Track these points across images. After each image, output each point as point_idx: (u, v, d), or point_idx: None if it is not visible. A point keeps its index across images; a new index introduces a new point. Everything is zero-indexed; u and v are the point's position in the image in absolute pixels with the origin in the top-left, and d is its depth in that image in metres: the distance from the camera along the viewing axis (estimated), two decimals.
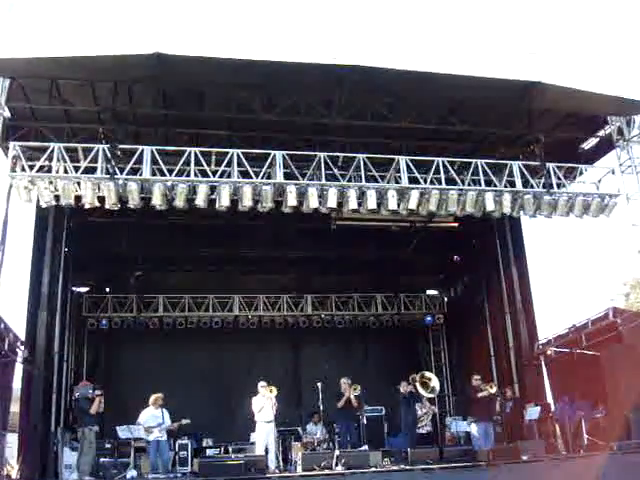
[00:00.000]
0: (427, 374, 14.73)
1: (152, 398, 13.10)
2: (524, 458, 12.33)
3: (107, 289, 20.16)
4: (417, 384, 14.16)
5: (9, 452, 13.21)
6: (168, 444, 13.31)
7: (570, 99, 13.29)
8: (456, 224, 18.81)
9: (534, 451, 12.64)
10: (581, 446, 13.76)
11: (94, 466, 12.55)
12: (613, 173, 14.24)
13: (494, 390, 14.18)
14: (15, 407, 13.90)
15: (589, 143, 15.54)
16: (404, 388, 15.03)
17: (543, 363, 16.82)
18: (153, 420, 12.89)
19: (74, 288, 18.41)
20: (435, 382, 14.42)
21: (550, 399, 16.24)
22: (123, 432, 12.99)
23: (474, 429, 13.88)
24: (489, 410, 13.86)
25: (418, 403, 15.04)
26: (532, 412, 14.70)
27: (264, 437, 12.86)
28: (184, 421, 13.63)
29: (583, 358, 14.91)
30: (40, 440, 13.73)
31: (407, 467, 12.02)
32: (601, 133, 15.03)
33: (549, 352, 16.39)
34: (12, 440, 13.89)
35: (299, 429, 15.94)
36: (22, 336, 14.15)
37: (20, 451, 13.50)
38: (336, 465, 11.66)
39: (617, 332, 14.18)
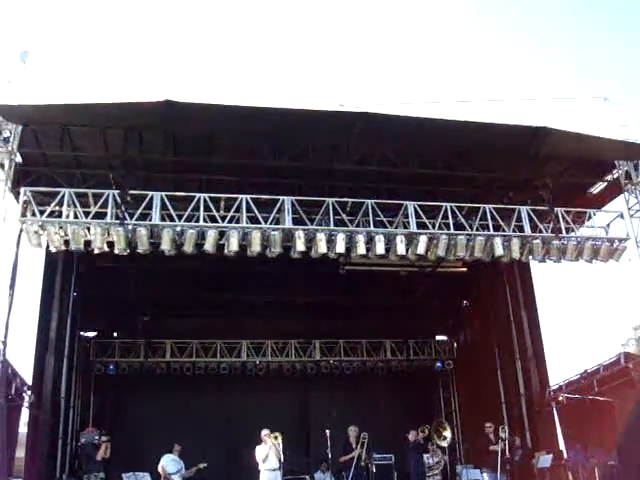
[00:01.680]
0: (443, 422, 14.58)
1: (176, 447, 13.29)
2: None
3: (115, 334, 20.13)
4: (432, 431, 14.00)
5: None
6: None
7: (576, 144, 13.32)
8: (465, 269, 18.80)
9: None
10: None
11: None
12: (622, 217, 14.20)
13: (504, 444, 13.93)
14: (21, 452, 13.77)
15: (597, 187, 15.53)
16: (413, 437, 14.88)
17: (555, 409, 16.58)
18: (174, 466, 12.91)
19: (82, 332, 18.38)
20: (448, 432, 14.27)
21: (562, 446, 15.99)
22: (129, 479, 12.87)
23: (486, 478, 13.64)
24: (501, 460, 13.63)
25: (428, 453, 14.84)
26: (544, 460, 14.46)
27: None
28: (202, 465, 13.63)
29: (595, 404, 14.69)
30: None
31: None
32: (609, 177, 15.03)
33: (561, 398, 16.16)
34: None
35: (307, 477, 15.72)
36: (29, 380, 14.10)
37: None
38: None
39: (629, 377, 14.01)
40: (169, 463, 13.25)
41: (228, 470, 17.26)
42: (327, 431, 13.66)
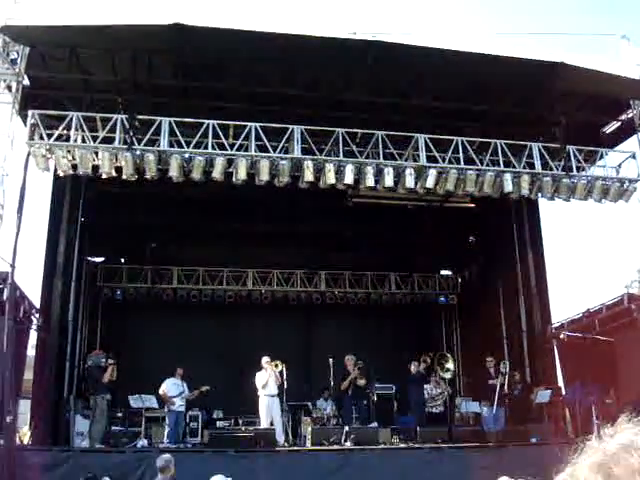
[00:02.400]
0: (446, 355, 14.78)
1: (178, 370, 13.49)
2: (533, 441, 12.37)
3: (122, 260, 20.25)
4: (435, 363, 14.21)
5: (22, 418, 13.39)
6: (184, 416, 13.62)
7: (592, 81, 13.10)
8: (473, 205, 18.72)
9: (543, 434, 12.67)
10: (591, 431, 13.75)
11: (105, 434, 12.72)
12: (634, 158, 14.04)
13: (505, 377, 14.13)
14: (29, 374, 14.05)
15: (611, 127, 15.32)
16: (415, 368, 15.09)
17: (555, 347, 16.75)
18: (175, 389, 13.17)
19: (89, 258, 18.49)
20: (451, 364, 14.47)
21: (561, 383, 16.23)
22: (135, 401, 13.18)
23: (485, 410, 13.90)
24: (500, 394, 13.86)
25: (430, 383, 15.09)
26: (543, 395, 14.68)
27: (267, 410, 12.97)
28: (204, 388, 13.90)
29: (596, 343, 14.83)
30: (52, 407, 13.88)
31: (416, 445, 12.10)
32: (623, 117, 14.82)
33: (562, 336, 16.29)
34: (25, 406, 14.08)
35: (309, 404, 16.03)
36: (37, 303, 14.27)
37: (33, 417, 13.69)
38: (345, 441, 11.75)
39: (631, 318, 14.09)
40: (170, 387, 13.51)
41: (231, 394, 17.58)
42: (330, 360, 13.90)
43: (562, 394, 15.43)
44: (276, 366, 13.14)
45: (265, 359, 13.27)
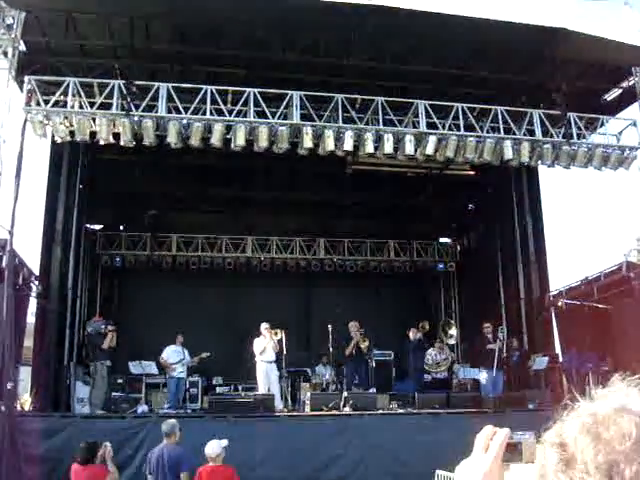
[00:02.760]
0: (450, 321, 14.88)
1: (178, 337, 13.56)
2: (530, 407, 12.47)
3: (121, 227, 20.22)
4: (440, 329, 14.32)
5: (22, 385, 13.48)
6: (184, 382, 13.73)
7: (594, 48, 12.97)
8: (472, 172, 18.66)
9: (540, 400, 12.78)
10: (587, 397, 13.88)
11: (106, 400, 12.82)
12: (635, 125, 13.97)
13: (499, 343, 14.22)
14: (29, 341, 14.11)
15: (612, 94, 15.20)
16: (413, 334, 15.18)
17: (553, 314, 16.83)
18: (175, 356, 13.25)
19: (88, 225, 18.45)
20: (454, 330, 14.56)
21: (558, 350, 16.33)
22: (135, 368, 13.27)
23: (483, 376, 13.99)
24: (498, 359, 13.94)
25: (434, 349, 15.19)
26: (540, 362, 14.80)
27: (264, 376, 13.06)
28: (204, 354, 13.98)
29: (593, 311, 14.90)
30: (53, 374, 13.97)
31: (414, 411, 12.20)
32: (624, 84, 14.68)
33: (560, 303, 16.37)
34: (25, 373, 14.17)
35: (308, 370, 16.15)
36: (36, 271, 14.28)
37: (33, 384, 13.78)
38: (344, 406, 11.84)
39: (629, 286, 14.13)
40: (171, 354, 13.60)
41: (230, 361, 17.70)
42: (329, 326, 13.97)
43: (559, 361, 15.54)
44: (275, 334, 13.19)
45: (264, 325, 13.32)
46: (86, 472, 7.05)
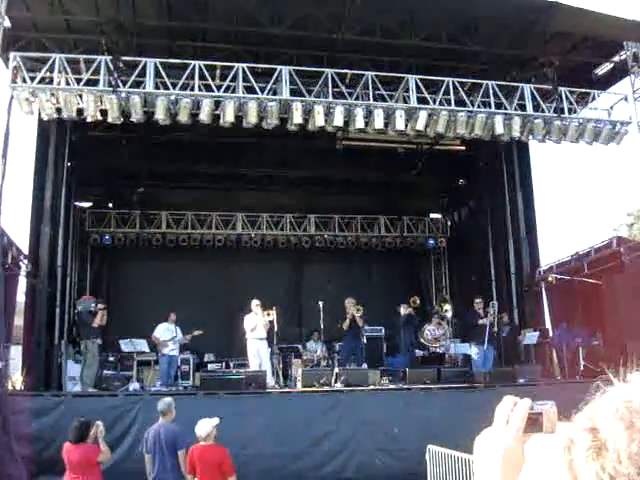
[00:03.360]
0: (445, 298, 14.95)
1: (171, 315, 13.54)
2: (520, 381, 12.56)
3: (110, 204, 20.10)
4: (437, 305, 14.40)
5: (13, 364, 13.45)
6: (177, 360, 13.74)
7: (586, 22, 12.88)
8: (463, 147, 18.60)
9: (530, 375, 12.87)
10: (577, 372, 13.99)
11: (97, 378, 12.81)
12: (626, 100, 13.93)
13: (493, 318, 14.28)
14: (19, 320, 14.06)
15: (603, 68, 15.12)
16: (404, 310, 15.20)
17: (544, 289, 16.89)
18: (168, 334, 13.24)
19: (77, 203, 18.32)
20: (449, 306, 14.64)
21: (549, 325, 16.42)
22: (126, 346, 13.25)
23: (474, 352, 14.05)
24: (489, 334, 13.99)
25: (432, 324, 15.25)
26: (530, 337, 14.88)
27: (256, 353, 13.06)
28: (196, 332, 13.96)
29: (584, 286, 14.96)
30: (44, 352, 13.93)
31: (405, 386, 12.25)
32: (616, 59, 14.60)
33: (550, 279, 16.43)
34: (16, 352, 14.13)
35: (299, 346, 16.18)
36: (25, 250, 14.19)
37: (24, 363, 13.75)
38: (335, 382, 11.88)
39: (619, 261, 14.18)
40: (162, 332, 13.59)
41: (221, 338, 17.71)
42: (320, 303, 13.98)
43: (549, 336, 15.63)
44: (268, 314, 13.16)
45: (255, 302, 13.29)
46: (78, 451, 7.02)
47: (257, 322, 13.09)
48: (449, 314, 14.86)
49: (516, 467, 1.17)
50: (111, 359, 14.75)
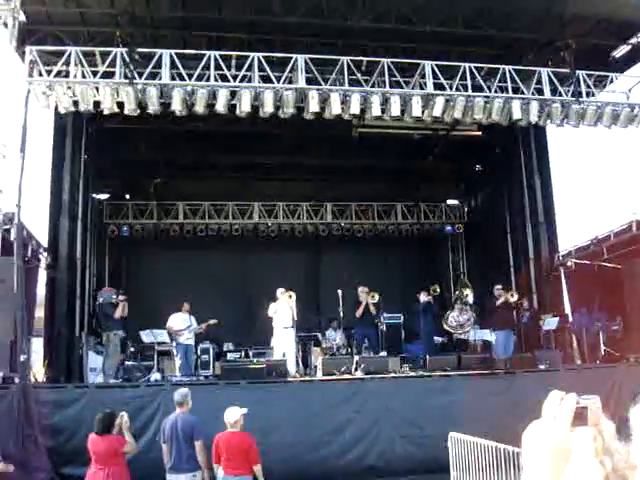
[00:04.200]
0: (466, 282, 14.88)
1: (184, 305, 13.55)
2: (541, 367, 12.52)
3: (127, 196, 20.19)
4: (459, 291, 14.37)
5: (35, 356, 13.57)
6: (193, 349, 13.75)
7: (603, 3, 12.76)
8: (479, 133, 18.48)
9: (551, 360, 12.82)
10: (598, 357, 13.94)
11: (119, 369, 12.90)
12: None
13: (514, 299, 14.22)
14: (39, 312, 14.18)
15: (620, 51, 14.94)
16: (423, 297, 15.18)
17: (563, 274, 16.80)
18: (182, 323, 13.27)
19: (94, 195, 18.41)
20: (469, 291, 14.59)
21: (568, 310, 16.34)
22: (147, 336, 13.31)
23: (494, 338, 14.01)
24: (510, 319, 13.94)
25: (455, 311, 15.19)
26: (550, 322, 14.81)
27: (281, 343, 13.07)
28: (212, 321, 13.99)
29: (603, 270, 14.88)
30: (65, 344, 14.05)
31: (426, 373, 12.25)
32: (633, 41, 14.43)
33: (569, 264, 16.35)
34: (38, 344, 14.26)
35: (318, 334, 16.19)
36: (45, 243, 14.30)
37: (46, 355, 13.88)
38: (355, 370, 11.89)
39: (639, 245, 14.07)
40: (176, 321, 13.62)
41: (240, 326, 17.80)
42: (339, 291, 13.98)
43: (569, 321, 15.56)
44: (290, 297, 13.15)
45: (280, 290, 13.28)
46: (104, 442, 7.08)
47: (281, 310, 13.08)
48: (470, 299, 14.77)
49: (565, 459, 1.20)
50: (131, 349, 14.84)
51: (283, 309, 13.09)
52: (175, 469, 7.32)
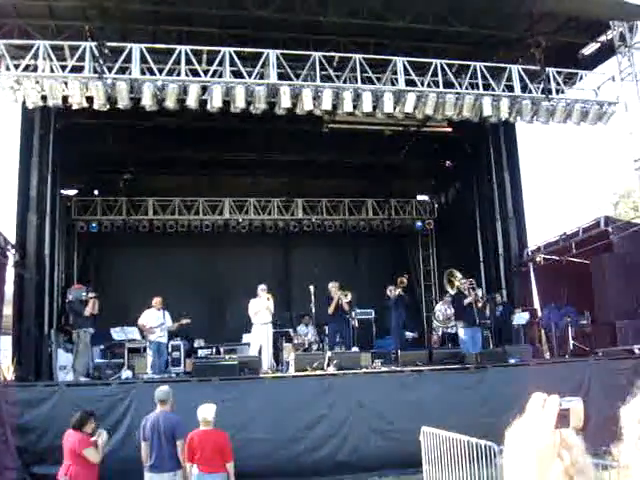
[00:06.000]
0: (454, 271, 14.82)
1: (154, 300, 13.29)
2: (511, 362, 12.65)
3: (96, 192, 19.95)
4: (445, 283, 14.34)
5: (3, 355, 13.36)
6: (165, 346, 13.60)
7: (573, 1, 12.88)
8: (450, 129, 18.60)
9: (521, 355, 12.96)
10: (567, 351, 14.12)
11: (89, 367, 12.76)
12: (613, 80, 13.95)
13: (479, 293, 14.27)
14: (8, 310, 13.96)
15: (590, 48, 15.12)
16: (392, 292, 15.19)
17: (532, 270, 16.99)
18: (154, 320, 13.08)
19: (63, 191, 18.15)
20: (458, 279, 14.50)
21: (537, 305, 16.53)
22: (117, 334, 13.17)
23: (462, 333, 14.08)
24: (477, 315, 14.01)
25: (443, 304, 15.18)
26: (520, 317, 14.97)
27: (259, 339, 13.01)
28: (184, 320, 13.84)
29: (572, 266, 15.07)
30: (34, 342, 13.85)
31: (397, 368, 12.30)
32: (602, 38, 14.59)
33: (538, 259, 16.54)
34: (6, 342, 14.04)
35: (290, 330, 16.17)
36: (12, 239, 14.07)
37: (14, 353, 13.66)
38: (328, 366, 11.90)
39: (607, 241, 14.28)
40: (149, 318, 13.41)
41: (211, 323, 17.74)
42: (311, 287, 13.96)
43: (538, 316, 15.74)
44: (268, 299, 13.10)
45: (261, 287, 13.19)
46: (72, 438, 6.94)
47: (261, 306, 13.01)
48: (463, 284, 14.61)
49: (549, 461, 1.22)
50: (101, 347, 14.67)
51: (263, 306, 13.03)
52: (156, 468, 7.23)
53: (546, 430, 1.23)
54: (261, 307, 12.93)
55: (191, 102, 12.02)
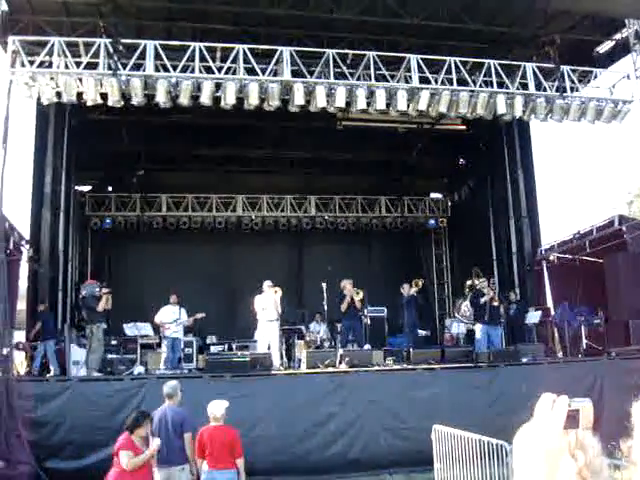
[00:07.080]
0: (479, 271, 14.80)
1: (172, 297, 13.43)
2: (523, 360, 12.60)
3: (110, 188, 20.04)
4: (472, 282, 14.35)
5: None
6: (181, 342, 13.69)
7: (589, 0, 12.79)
8: (464, 127, 18.54)
9: (534, 354, 12.91)
10: (580, 351, 14.05)
11: (102, 362, 12.82)
12: (628, 78, 13.83)
13: (491, 294, 14.22)
14: (21, 305, 14.05)
15: (605, 46, 15.03)
16: (407, 290, 15.19)
17: (545, 268, 16.92)
18: (170, 316, 13.18)
19: (77, 187, 18.25)
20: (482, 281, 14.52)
21: (550, 304, 16.45)
22: (130, 330, 13.23)
23: (478, 330, 14.04)
24: (493, 313, 13.97)
25: (467, 300, 15.14)
26: (533, 316, 14.90)
27: (265, 335, 13.01)
28: (199, 315, 13.92)
29: (585, 265, 14.99)
30: None
31: (410, 366, 12.28)
32: (617, 36, 14.51)
33: (552, 258, 16.46)
34: (20, 338, 14.13)
35: (302, 328, 16.17)
36: (26, 235, 14.16)
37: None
38: (339, 363, 11.90)
39: (621, 240, 14.19)
40: (165, 314, 13.53)
41: (223, 319, 17.76)
42: (323, 284, 13.95)
43: (551, 315, 15.66)
44: (275, 292, 13.08)
45: (267, 283, 13.18)
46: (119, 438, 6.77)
47: (267, 303, 12.99)
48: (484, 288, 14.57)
49: (558, 461, 1.22)
50: (114, 343, 14.74)
51: (269, 302, 13.01)
52: (164, 462, 7.24)
53: (555, 431, 1.23)
54: (267, 303, 12.90)
55: (205, 99, 12.04)
